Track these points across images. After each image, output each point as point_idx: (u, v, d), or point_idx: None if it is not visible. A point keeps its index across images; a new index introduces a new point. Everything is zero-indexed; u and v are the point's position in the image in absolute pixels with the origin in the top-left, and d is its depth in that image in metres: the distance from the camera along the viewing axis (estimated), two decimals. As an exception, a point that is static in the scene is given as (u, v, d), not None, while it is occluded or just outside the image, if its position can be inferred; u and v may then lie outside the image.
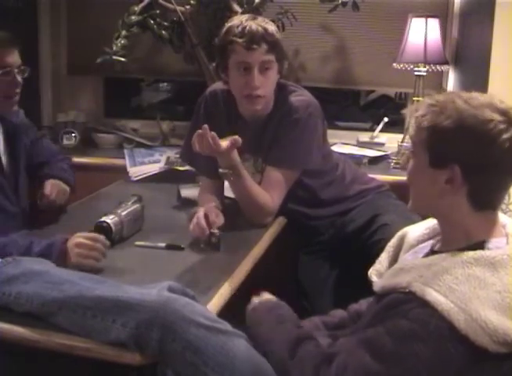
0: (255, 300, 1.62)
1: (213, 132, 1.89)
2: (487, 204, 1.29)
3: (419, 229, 1.50)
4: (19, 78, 2.01)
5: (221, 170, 2.02)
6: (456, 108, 1.26)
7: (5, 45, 1.99)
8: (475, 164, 1.25)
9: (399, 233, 1.56)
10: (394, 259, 1.52)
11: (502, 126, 1.23)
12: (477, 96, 1.28)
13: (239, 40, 2.05)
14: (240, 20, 2.09)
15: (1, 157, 2.06)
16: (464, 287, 1.20)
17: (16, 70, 1.99)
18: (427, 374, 1.19)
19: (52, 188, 2.14)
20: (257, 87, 2.08)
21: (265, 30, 2.07)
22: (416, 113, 1.31)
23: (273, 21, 2.89)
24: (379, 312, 1.28)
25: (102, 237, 1.76)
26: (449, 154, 1.26)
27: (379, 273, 1.49)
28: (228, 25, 2.12)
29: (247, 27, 2.05)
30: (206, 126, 1.90)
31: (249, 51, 2.05)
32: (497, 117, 1.23)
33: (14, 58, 2.00)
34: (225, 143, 1.93)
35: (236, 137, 1.94)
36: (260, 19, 2.14)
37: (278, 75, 2.16)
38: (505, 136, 1.22)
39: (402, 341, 1.20)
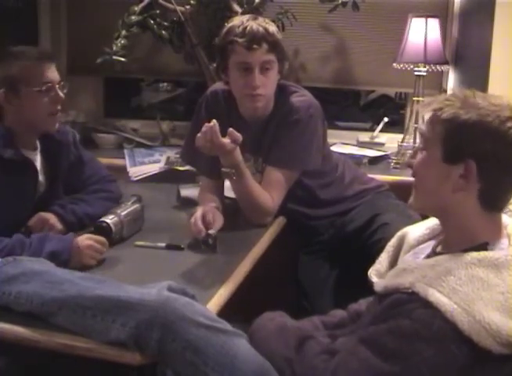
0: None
1: (215, 124, 1.90)
2: (495, 204, 1.28)
3: (419, 230, 1.49)
4: (61, 94, 1.94)
5: (223, 169, 2.02)
6: (476, 103, 1.25)
7: (45, 59, 1.92)
8: (491, 162, 1.23)
9: (399, 233, 1.55)
10: (394, 259, 1.51)
11: None
12: (491, 95, 1.28)
13: (240, 40, 2.05)
14: (241, 20, 2.10)
15: (38, 176, 1.98)
16: (468, 288, 1.20)
17: (57, 86, 1.93)
18: (429, 375, 1.19)
19: (37, 223, 1.93)
20: (257, 86, 2.08)
21: (266, 30, 2.07)
22: (429, 106, 1.29)
23: (273, 21, 2.89)
24: (381, 313, 1.28)
25: (106, 243, 1.82)
26: (466, 149, 1.24)
27: (379, 273, 1.49)
28: (228, 25, 2.12)
29: (248, 27, 2.05)
30: (214, 121, 1.90)
31: (250, 51, 2.05)
32: None
33: (54, 73, 1.93)
34: (226, 141, 1.93)
35: (232, 130, 1.93)
36: (261, 19, 2.14)
37: (279, 75, 2.16)
38: None
39: (405, 340, 1.20)
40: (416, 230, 1.50)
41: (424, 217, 1.52)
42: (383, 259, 1.53)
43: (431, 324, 1.19)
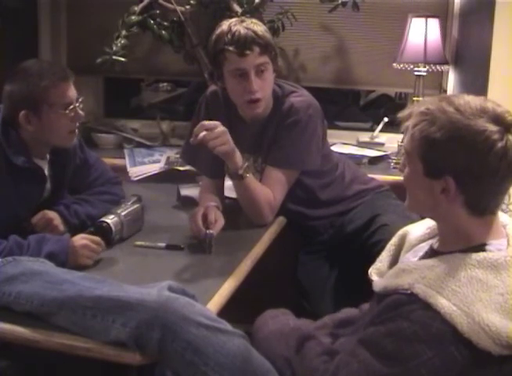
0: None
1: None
2: (484, 210, 1.28)
3: (420, 229, 1.49)
4: (81, 112, 1.93)
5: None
6: (448, 118, 1.24)
7: (65, 78, 1.91)
8: (470, 175, 1.24)
9: (400, 232, 1.55)
10: (395, 258, 1.51)
11: (496, 136, 1.21)
12: (469, 102, 1.25)
13: (231, 48, 2.03)
14: (228, 26, 2.06)
15: (46, 184, 1.98)
16: (467, 289, 1.20)
17: (76, 104, 1.92)
18: None
19: (41, 221, 1.94)
20: (256, 91, 2.07)
21: (255, 32, 2.04)
22: (408, 121, 1.30)
23: (273, 21, 2.90)
24: (380, 313, 1.28)
25: (102, 242, 1.82)
26: (442, 166, 1.25)
27: (379, 272, 1.49)
28: (216, 33, 2.09)
29: (236, 33, 2.03)
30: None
31: (242, 57, 2.04)
32: (491, 126, 1.21)
33: (74, 91, 1.92)
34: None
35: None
36: (248, 20, 2.11)
37: (274, 74, 2.15)
38: (500, 145, 1.21)
39: (404, 342, 1.20)
40: (417, 229, 1.50)
41: (423, 218, 1.53)
42: (384, 258, 1.53)
43: (430, 326, 1.19)
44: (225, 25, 2.09)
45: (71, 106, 1.90)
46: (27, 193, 1.92)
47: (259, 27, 2.09)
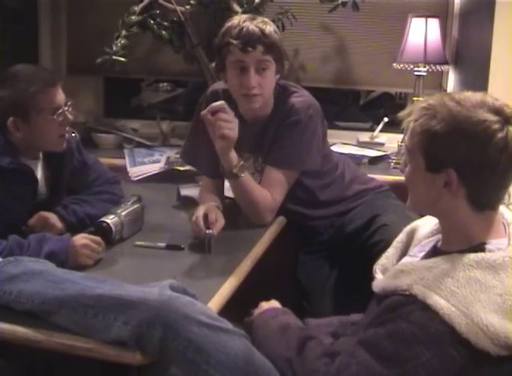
0: (263, 305, 1.63)
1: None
2: (486, 204, 1.28)
3: (428, 226, 1.49)
4: (70, 116, 1.93)
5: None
6: (449, 111, 1.24)
7: (53, 83, 1.90)
8: (471, 167, 1.24)
9: (408, 229, 1.55)
10: (402, 255, 1.51)
11: (496, 126, 1.22)
12: (469, 96, 1.27)
13: (235, 42, 2.04)
14: (238, 21, 2.08)
15: (37, 185, 1.97)
16: (465, 290, 1.20)
17: (65, 108, 1.92)
18: None
19: (37, 221, 1.93)
20: (253, 87, 2.07)
21: (262, 31, 2.05)
22: (409, 117, 1.31)
23: (273, 21, 2.89)
24: (379, 314, 1.28)
25: (102, 243, 1.82)
26: (444, 158, 1.25)
27: (384, 269, 1.48)
28: (226, 25, 2.11)
29: (244, 29, 2.04)
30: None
31: (244, 53, 2.04)
32: (490, 116, 1.22)
33: (62, 95, 1.92)
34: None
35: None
36: (259, 19, 2.12)
37: (277, 75, 2.15)
38: (500, 135, 1.21)
39: (403, 344, 1.20)
40: (425, 227, 1.49)
41: (423, 216, 1.52)
42: (390, 254, 1.52)
43: (429, 327, 1.19)
44: (235, 20, 2.11)
45: (60, 111, 1.90)
46: (20, 194, 1.91)
47: (268, 27, 2.09)
